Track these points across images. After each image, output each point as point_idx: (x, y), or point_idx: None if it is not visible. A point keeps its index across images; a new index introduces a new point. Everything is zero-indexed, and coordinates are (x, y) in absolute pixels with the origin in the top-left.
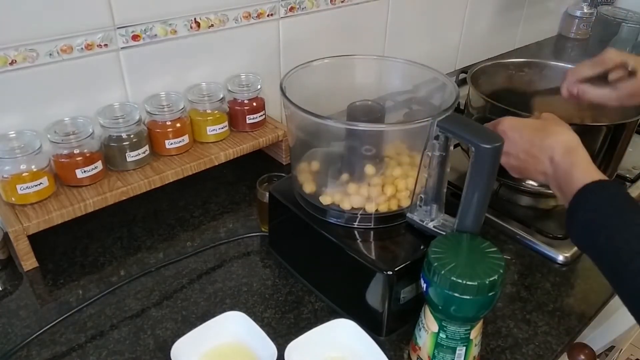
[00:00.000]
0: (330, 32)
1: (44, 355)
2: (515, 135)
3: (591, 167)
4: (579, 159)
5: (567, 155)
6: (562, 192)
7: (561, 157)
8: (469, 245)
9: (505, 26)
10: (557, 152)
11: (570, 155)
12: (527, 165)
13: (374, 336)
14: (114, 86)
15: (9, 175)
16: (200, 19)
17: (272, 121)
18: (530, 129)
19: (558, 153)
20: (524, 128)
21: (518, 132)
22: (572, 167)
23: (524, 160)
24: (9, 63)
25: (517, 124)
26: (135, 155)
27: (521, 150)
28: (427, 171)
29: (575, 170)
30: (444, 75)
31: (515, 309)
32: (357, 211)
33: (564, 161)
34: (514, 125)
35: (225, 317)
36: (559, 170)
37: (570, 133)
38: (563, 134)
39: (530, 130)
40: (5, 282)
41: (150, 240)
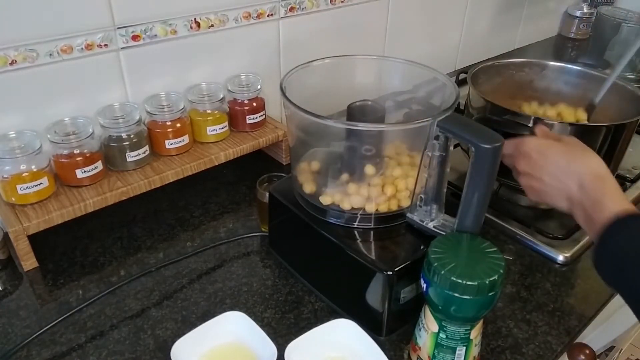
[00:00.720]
0: (330, 32)
1: (44, 355)
2: (539, 157)
3: (623, 196)
4: (610, 187)
5: (597, 182)
6: (590, 220)
7: (591, 183)
8: (469, 245)
9: (505, 26)
10: (586, 178)
11: (601, 182)
12: (549, 190)
13: (374, 336)
14: (114, 86)
15: (9, 175)
16: (200, 19)
17: (272, 121)
18: (556, 152)
19: (587, 179)
20: (549, 150)
21: (543, 154)
22: (604, 196)
23: (548, 183)
24: (9, 63)
25: (542, 145)
26: (135, 155)
27: (546, 173)
28: (427, 171)
29: (606, 199)
30: (444, 75)
31: (515, 309)
32: (357, 211)
33: (593, 188)
34: (538, 147)
35: (225, 317)
36: (588, 198)
37: (599, 159)
38: (592, 160)
39: (557, 153)
40: (5, 282)
41: (150, 240)
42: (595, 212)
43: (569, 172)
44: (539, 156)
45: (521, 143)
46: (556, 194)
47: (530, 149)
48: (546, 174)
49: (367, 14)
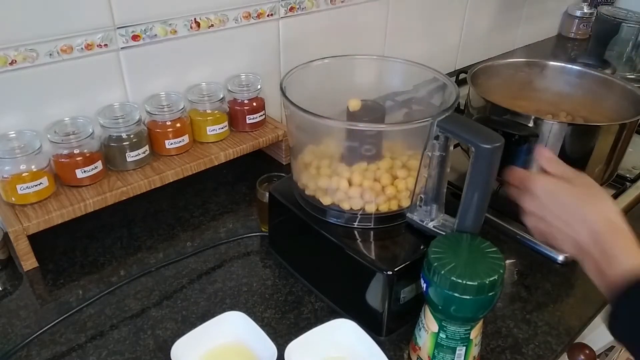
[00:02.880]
0: (330, 32)
1: (44, 355)
2: (549, 199)
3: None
4: (623, 238)
5: (610, 233)
6: (601, 274)
7: (603, 233)
8: (469, 245)
9: (505, 26)
10: (598, 227)
11: (614, 232)
12: (557, 234)
13: (374, 336)
14: (114, 86)
15: (9, 175)
16: (200, 19)
17: (272, 121)
18: (568, 194)
19: (599, 228)
20: (560, 192)
21: (553, 195)
22: (615, 247)
23: (556, 227)
24: (9, 63)
25: (552, 186)
26: (135, 155)
27: (554, 217)
28: (427, 171)
29: (619, 251)
30: (444, 75)
31: (515, 309)
32: (357, 211)
33: (605, 239)
34: (548, 188)
35: (225, 317)
36: (599, 249)
37: (613, 205)
38: (605, 206)
39: (568, 195)
40: (5, 282)
41: (150, 240)
42: (606, 266)
43: (579, 219)
44: (548, 198)
45: (528, 180)
46: (565, 239)
47: (538, 189)
48: (555, 218)
49: (367, 14)
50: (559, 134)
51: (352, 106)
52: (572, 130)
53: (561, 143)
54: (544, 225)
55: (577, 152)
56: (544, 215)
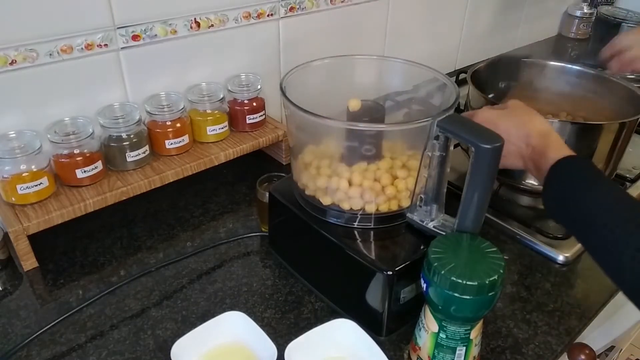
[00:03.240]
0: (330, 32)
1: (44, 355)
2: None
3: (563, 146)
4: (553, 140)
5: (542, 139)
6: (539, 171)
7: (537, 140)
8: (469, 245)
9: (505, 26)
10: (533, 137)
11: (545, 138)
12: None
13: (374, 336)
14: (114, 86)
15: (9, 175)
16: (200, 19)
17: (272, 121)
18: (506, 120)
19: (534, 137)
20: (499, 119)
21: (494, 124)
22: (547, 148)
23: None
24: (9, 63)
25: (492, 116)
26: (135, 155)
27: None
28: (427, 171)
29: (549, 150)
30: (444, 75)
31: (515, 309)
32: (357, 211)
33: (539, 144)
34: (489, 118)
35: (225, 317)
36: (535, 152)
37: (542, 118)
38: (536, 121)
39: (507, 120)
40: (5, 282)
41: (150, 240)
42: (541, 163)
43: (519, 135)
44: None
45: (473, 115)
46: (510, 154)
47: (482, 120)
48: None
49: (367, 14)
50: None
51: (352, 106)
52: (572, 130)
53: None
54: None
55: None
56: None
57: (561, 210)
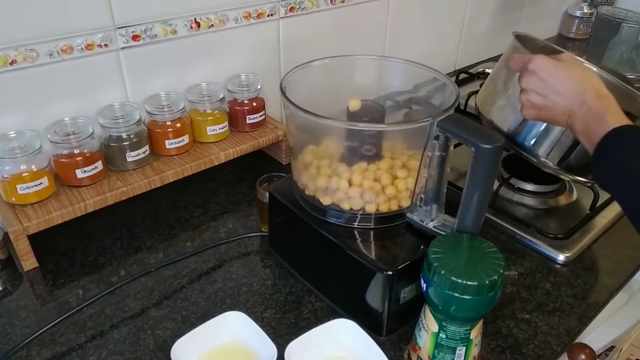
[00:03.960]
0: (330, 32)
1: (44, 355)
2: (547, 75)
3: (622, 114)
4: (612, 104)
5: (600, 100)
6: (590, 132)
7: (594, 100)
8: (469, 245)
9: (505, 26)
10: (589, 95)
11: (604, 100)
12: (552, 105)
13: (374, 336)
14: (114, 86)
15: (9, 175)
16: (200, 19)
17: (272, 121)
18: (561, 69)
19: (590, 96)
20: (556, 69)
21: (550, 72)
22: (605, 111)
23: (552, 99)
24: (9, 63)
25: (549, 64)
26: (135, 155)
27: (552, 91)
28: (427, 171)
29: (607, 114)
30: (444, 75)
31: (515, 309)
32: (357, 211)
33: (597, 104)
34: (546, 66)
35: (225, 317)
36: (590, 113)
37: (599, 79)
38: (595, 80)
39: (562, 69)
40: (5, 282)
41: (150, 240)
42: (595, 126)
43: (576, 90)
44: (547, 74)
45: (529, 61)
46: (558, 109)
47: (538, 67)
48: (552, 92)
49: (367, 14)
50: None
51: (352, 106)
52: None
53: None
54: (539, 99)
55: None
56: (539, 90)
57: (615, 180)
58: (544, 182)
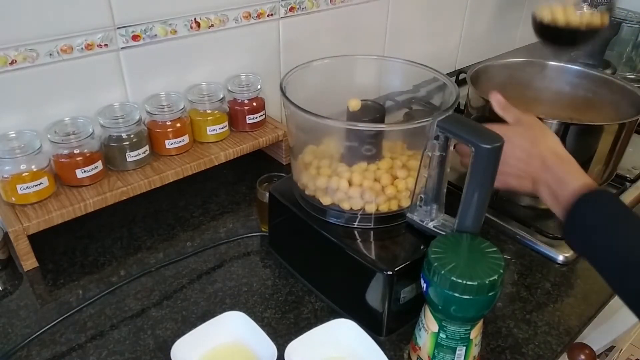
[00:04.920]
0: (330, 32)
1: (44, 355)
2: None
3: (582, 173)
4: (570, 164)
5: (559, 162)
6: (555, 197)
7: (553, 163)
8: (469, 245)
9: (505, 26)
10: (549, 158)
11: (562, 161)
12: (515, 172)
13: (374, 336)
14: (114, 86)
15: (9, 175)
16: (200, 19)
17: (272, 121)
18: (521, 137)
19: (550, 159)
20: (514, 137)
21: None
22: (567, 174)
23: (514, 166)
24: (9, 63)
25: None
26: (135, 155)
27: (513, 158)
28: (427, 171)
29: (568, 176)
30: (444, 75)
31: (515, 309)
32: (357, 211)
33: (556, 167)
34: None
35: (225, 317)
36: (552, 176)
37: (556, 139)
38: (551, 140)
39: (521, 137)
40: (5, 282)
41: (150, 240)
42: (559, 189)
43: (533, 155)
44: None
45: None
46: (522, 176)
47: None
48: (513, 159)
49: (367, 14)
50: (558, 134)
51: (352, 106)
52: (571, 130)
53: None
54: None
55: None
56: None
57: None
58: None
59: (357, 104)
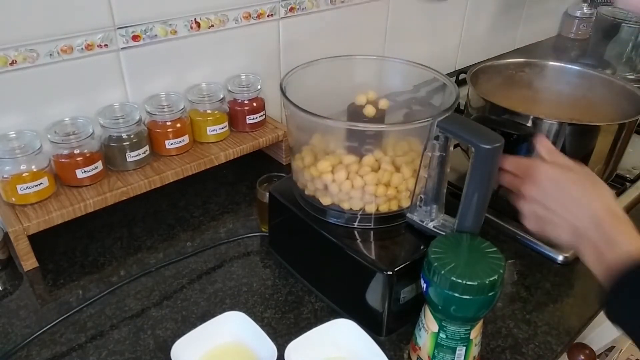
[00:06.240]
0: (330, 32)
1: (44, 355)
2: (553, 186)
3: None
4: (624, 224)
5: (611, 217)
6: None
7: (605, 219)
8: (469, 245)
9: (505, 26)
10: (600, 211)
11: (614, 217)
12: (558, 220)
13: (374, 336)
14: (114, 86)
15: (9, 175)
16: (200, 19)
17: (272, 121)
18: (570, 181)
19: (602, 212)
20: (563, 179)
21: (557, 182)
22: (619, 234)
23: (557, 214)
24: (9, 63)
25: (556, 173)
26: (136, 155)
27: (558, 204)
28: (427, 171)
29: (620, 236)
30: (444, 75)
31: (515, 309)
32: (357, 211)
33: (606, 223)
34: (552, 176)
35: (225, 317)
36: (599, 231)
37: (611, 193)
38: (605, 194)
39: (571, 182)
40: (5, 282)
41: (150, 240)
42: (607, 250)
43: (581, 204)
44: (553, 185)
45: (532, 168)
46: (563, 225)
47: (543, 177)
48: (558, 205)
49: (367, 14)
50: (558, 134)
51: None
52: (571, 130)
53: (561, 143)
54: (543, 212)
55: (577, 151)
56: (545, 202)
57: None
58: None
59: (372, 111)
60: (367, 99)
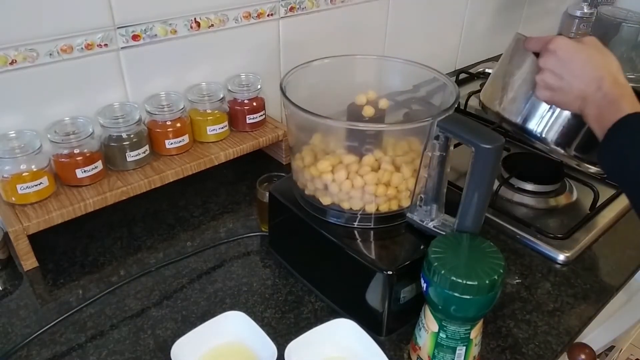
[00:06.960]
0: (330, 32)
1: (44, 355)
2: (566, 55)
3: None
4: (629, 92)
5: (616, 86)
6: (601, 118)
7: (610, 86)
8: (469, 245)
9: (505, 26)
10: (606, 81)
11: (620, 87)
12: (567, 87)
13: (374, 336)
14: (114, 86)
15: (9, 175)
16: (200, 19)
17: (272, 121)
18: (582, 53)
19: (608, 82)
20: (576, 50)
21: (569, 53)
22: (621, 98)
23: (567, 80)
24: (9, 63)
25: (569, 45)
26: (135, 155)
27: (568, 72)
28: (427, 171)
29: (623, 101)
30: (444, 75)
31: (515, 309)
32: (357, 211)
33: (613, 91)
34: (566, 46)
35: (225, 317)
36: (605, 99)
37: (618, 64)
38: (613, 64)
39: (582, 52)
40: (5, 282)
41: (150, 240)
42: (608, 112)
43: (592, 75)
44: (566, 54)
45: (549, 41)
46: (572, 92)
47: (558, 47)
48: (568, 73)
49: (367, 14)
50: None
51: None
52: None
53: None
54: (555, 80)
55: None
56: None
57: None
58: (544, 182)
59: (371, 111)
60: (367, 98)
